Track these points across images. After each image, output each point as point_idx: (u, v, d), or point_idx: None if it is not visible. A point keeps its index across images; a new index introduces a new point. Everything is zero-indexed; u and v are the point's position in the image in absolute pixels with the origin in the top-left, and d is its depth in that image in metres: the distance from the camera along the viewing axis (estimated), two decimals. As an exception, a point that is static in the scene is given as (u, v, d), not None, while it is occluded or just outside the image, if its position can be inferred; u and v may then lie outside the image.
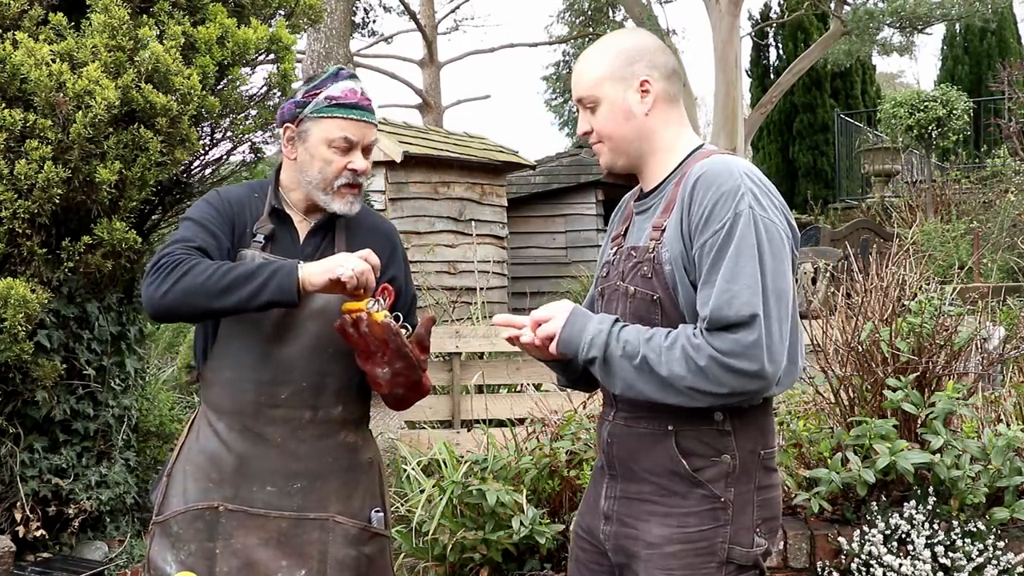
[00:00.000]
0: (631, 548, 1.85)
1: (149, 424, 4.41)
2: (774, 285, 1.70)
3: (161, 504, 2.13)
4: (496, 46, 25.32)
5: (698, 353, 1.67)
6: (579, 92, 1.89)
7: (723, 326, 1.67)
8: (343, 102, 2.06)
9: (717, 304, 1.67)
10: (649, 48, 1.88)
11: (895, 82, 31.92)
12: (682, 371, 1.68)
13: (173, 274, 1.94)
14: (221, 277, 1.92)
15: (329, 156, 2.07)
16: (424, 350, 2.05)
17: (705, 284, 1.71)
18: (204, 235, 2.05)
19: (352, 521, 2.12)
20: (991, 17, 14.50)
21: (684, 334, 1.71)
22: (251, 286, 1.92)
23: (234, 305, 1.93)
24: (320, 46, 9.51)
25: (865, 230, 10.49)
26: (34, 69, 3.16)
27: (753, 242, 1.70)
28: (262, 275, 1.93)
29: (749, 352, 1.65)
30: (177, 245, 2.01)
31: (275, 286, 1.92)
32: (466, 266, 11.01)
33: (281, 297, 1.92)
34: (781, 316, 1.70)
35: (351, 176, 2.09)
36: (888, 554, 2.99)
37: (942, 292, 3.72)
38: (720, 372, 1.66)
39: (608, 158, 1.90)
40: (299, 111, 2.08)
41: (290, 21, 3.97)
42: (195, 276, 1.93)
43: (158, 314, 1.99)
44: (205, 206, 2.12)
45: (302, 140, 2.09)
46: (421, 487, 3.70)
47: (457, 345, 5.13)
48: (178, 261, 1.96)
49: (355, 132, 2.07)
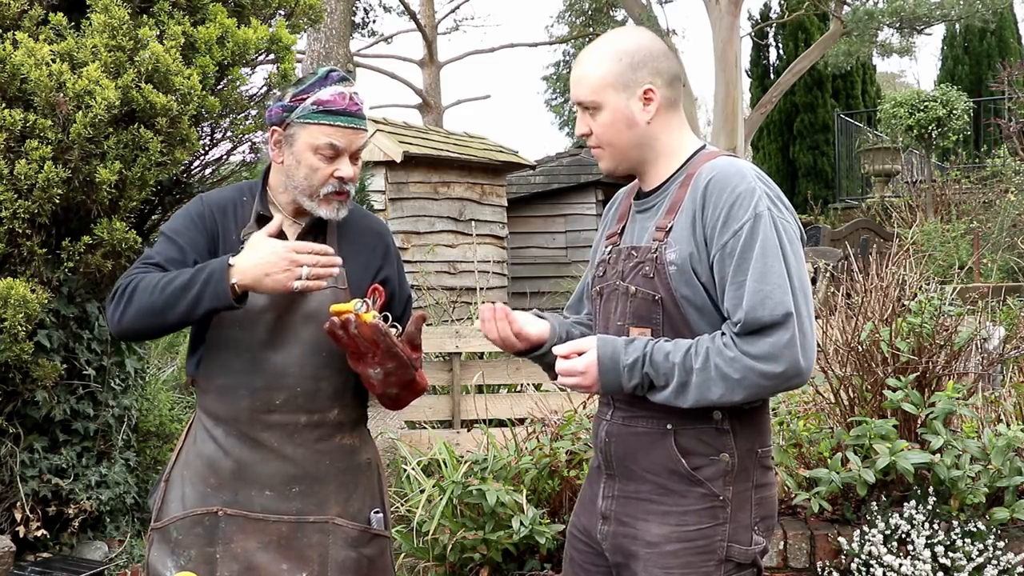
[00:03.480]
0: (630, 547, 1.85)
1: (149, 424, 4.41)
2: (800, 284, 1.72)
3: (160, 510, 2.12)
4: (496, 46, 25.33)
5: (732, 366, 1.68)
6: (580, 96, 1.87)
7: (758, 328, 1.67)
8: (330, 108, 2.01)
9: (751, 305, 1.68)
10: (652, 53, 1.85)
11: (895, 82, 31.91)
12: (720, 389, 1.70)
13: (124, 297, 1.98)
14: (161, 293, 1.94)
15: (315, 163, 2.02)
16: (416, 348, 2.04)
17: (733, 285, 1.71)
18: (170, 249, 2.05)
19: (352, 523, 2.12)
20: (991, 17, 14.50)
21: (715, 348, 1.71)
22: (188, 297, 1.92)
23: (181, 319, 1.95)
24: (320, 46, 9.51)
25: (865, 230, 10.50)
26: (34, 69, 3.16)
27: (776, 242, 1.71)
28: (196, 284, 1.93)
29: (785, 353, 1.67)
30: (136, 267, 2.04)
31: (210, 294, 1.92)
32: (466, 266, 11.01)
33: (218, 304, 1.93)
34: (810, 313, 1.73)
35: (338, 184, 2.04)
36: (888, 554, 2.99)
37: (942, 292, 3.72)
38: (758, 379, 1.68)
39: (608, 163, 1.89)
40: (286, 115, 2.03)
41: (290, 21, 3.97)
42: (141, 296, 1.95)
43: (123, 337, 2.05)
44: (181, 218, 2.12)
45: (289, 144, 2.05)
46: (421, 487, 3.70)
47: (457, 345, 5.13)
48: (129, 282, 1.99)
49: (342, 139, 2.03)
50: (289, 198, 2.11)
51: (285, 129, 2.05)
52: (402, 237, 10.39)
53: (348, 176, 2.05)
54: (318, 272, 1.93)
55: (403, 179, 10.60)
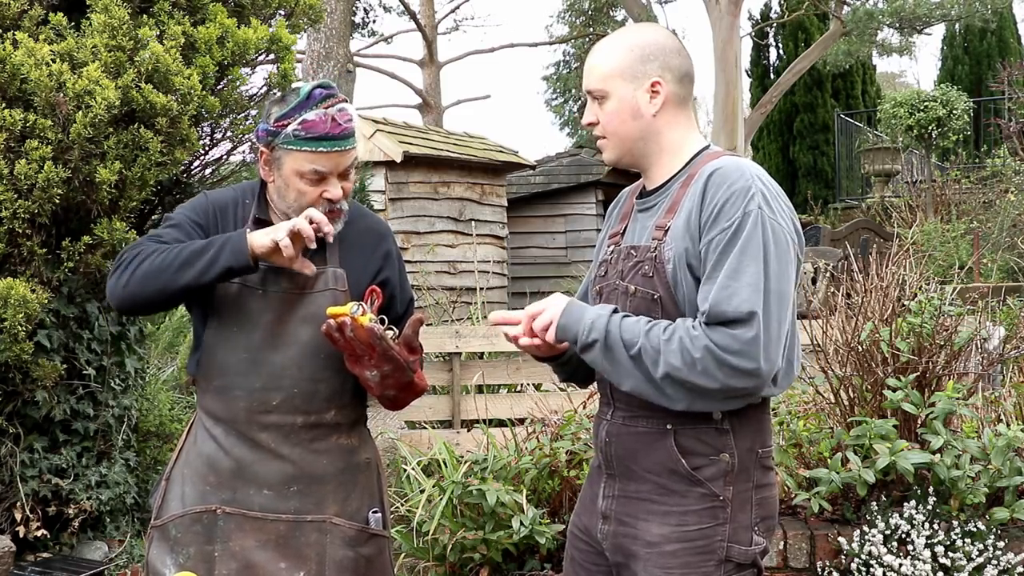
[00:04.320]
0: (630, 547, 1.85)
1: (149, 424, 4.41)
2: (776, 287, 1.70)
3: (160, 508, 2.12)
4: (496, 46, 25.33)
5: (694, 344, 1.67)
6: (589, 84, 1.88)
7: (721, 321, 1.67)
8: (312, 134, 1.97)
9: (716, 299, 1.67)
10: (666, 48, 1.86)
11: (895, 82, 31.91)
12: (677, 362, 1.68)
13: (132, 263, 1.97)
14: (176, 255, 1.95)
15: (302, 187, 2.01)
16: (413, 351, 2.03)
17: (708, 280, 1.71)
18: (175, 233, 2.05)
19: (349, 522, 2.12)
20: (991, 17, 14.51)
21: (683, 326, 1.71)
22: (206, 256, 1.93)
23: (193, 278, 1.94)
24: (320, 46, 9.52)
25: (865, 230, 10.50)
26: (34, 69, 3.16)
27: (759, 242, 1.70)
28: (215, 245, 1.95)
29: (745, 349, 1.65)
30: (141, 241, 2.03)
31: (228, 252, 1.93)
32: (466, 266, 11.02)
33: (236, 262, 1.93)
34: (781, 318, 1.70)
35: (327, 205, 2.03)
36: (888, 554, 2.99)
37: (942, 292, 3.72)
38: (714, 366, 1.66)
39: (611, 154, 1.90)
40: (271, 139, 2.02)
41: (290, 21, 3.97)
42: (152, 260, 1.95)
43: (122, 304, 2.01)
44: (187, 209, 2.13)
45: (276, 168, 2.04)
46: (421, 487, 3.70)
47: (457, 345, 5.13)
48: (137, 252, 1.99)
49: (326, 164, 2.00)
50: (284, 208, 2.10)
51: (271, 151, 2.04)
52: (402, 237, 10.40)
53: (336, 197, 2.03)
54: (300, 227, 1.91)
55: (403, 179, 10.60)
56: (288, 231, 1.92)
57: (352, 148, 2.05)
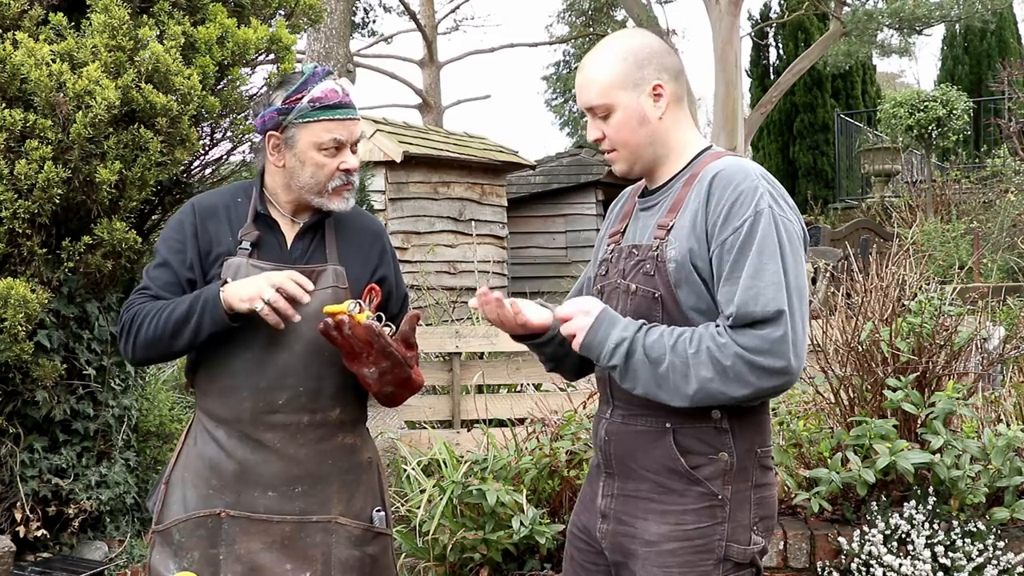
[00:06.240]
0: (628, 546, 1.85)
1: (149, 424, 4.40)
2: (796, 283, 1.71)
3: (160, 512, 2.12)
4: (496, 46, 25.33)
5: (723, 352, 1.67)
6: (589, 100, 1.86)
7: (749, 322, 1.67)
8: (327, 103, 2.04)
9: (743, 300, 1.67)
10: (657, 50, 1.86)
11: (895, 82, 31.91)
12: (708, 373, 1.67)
13: (131, 332, 2.07)
14: (164, 325, 2.02)
15: (320, 160, 2.05)
16: (410, 347, 2.05)
17: (728, 281, 1.71)
18: (163, 274, 2.11)
19: (355, 522, 2.12)
20: (991, 17, 14.51)
21: (708, 334, 1.70)
22: (190, 326, 2.00)
23: (187, 345, 2.04)
24: (320, 46, 9.51)
25: (865, 230, 10.50)
26: (34, 69, 3.16)
27: (775, 240, 1.71)
28: (195, 313, 2.00)
29: (776, 348, 1.65)
30: (135, 297, 2.11)
31: (208, 321, 1.99)
32: (466, 266, 11.02)
33: (216, 328, 2.00)
34: (804, 313, 1.71)
35: (344, 177, 2.08)
36: (888, 554, 2.99)
37: (942, 292, 3.72)
38: (745, 370, 1.66)
39: (623, 165, 1.89)
40: (282, 118, 2.04)
41: (290, 21, 3.96)
42: (146, 330, 2.04)
43: (141, 365, 2.17)
44: (172, 231, 2.15)
45: (289, 147, 2.06)
46: (421, 487, 3.70)
47: (457, 345, 5.13)
48: (132, 316, 2.08)
49: (343, 132, 2.05)
50: (290, 198, 2.12)
51: (283, 132, 2.06)
52: (402, 237, 10.40)
53: (354, 167, 2.09)
54: (278, 305, 1.95)
55: (403, 179, 10.60)
56: (268, 300, 1.94)
57: (360, 120, 2.12)
